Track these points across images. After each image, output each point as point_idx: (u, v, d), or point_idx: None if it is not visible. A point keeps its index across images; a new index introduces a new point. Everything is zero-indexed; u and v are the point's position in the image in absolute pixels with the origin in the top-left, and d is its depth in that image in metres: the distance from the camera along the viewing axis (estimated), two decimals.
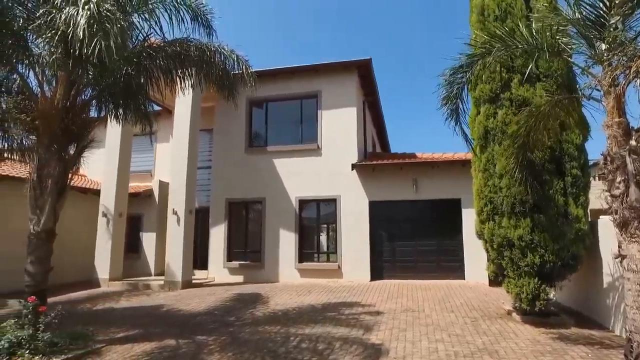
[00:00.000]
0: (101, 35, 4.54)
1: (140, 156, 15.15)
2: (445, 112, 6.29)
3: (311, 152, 12.94)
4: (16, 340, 5.25)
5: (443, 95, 6.18)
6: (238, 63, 7.49)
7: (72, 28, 4.62)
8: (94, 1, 4.75)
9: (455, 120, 6.35)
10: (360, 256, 11.99)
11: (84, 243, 12.58)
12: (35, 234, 6.09)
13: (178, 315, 8.03)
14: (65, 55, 5.43)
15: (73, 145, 6.55)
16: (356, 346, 5.67)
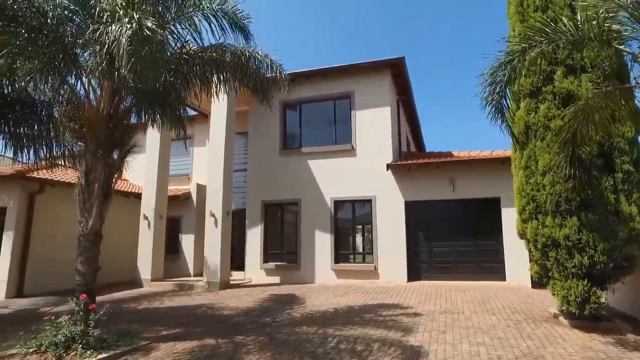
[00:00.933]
0: (139, 54, 4.73)
1: (179, 160, 15.61)
2: (489, 111, 6.13)
3: (345, 153, 12.91)
4: (70, 335, 5.52)
5: (485, 95, 6.03)
6: (272, 67, 7.58)
7: (115, 45, 4.83)
8: (136, 19, 4.96)
9: (501, 119, 6.18)
10: (397, 257, 11.84)
11: (127, 245, 13.11)
12: (84, 236, 6.39)
13: (217, 315, 8.19)
14: (109, 66, 5.68)
15: (116, 150, 6.83)
16: (394, 348, 5.59)
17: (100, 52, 5.20)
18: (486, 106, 6.06)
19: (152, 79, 5.26)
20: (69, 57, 6.13)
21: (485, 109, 6.08)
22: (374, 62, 12.97)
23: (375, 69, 13.06)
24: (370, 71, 13.13)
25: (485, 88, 5.94)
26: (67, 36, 6.20)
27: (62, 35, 6.08)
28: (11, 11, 5.51)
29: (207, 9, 6.48)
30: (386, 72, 13.08)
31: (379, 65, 12.99)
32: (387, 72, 13.09)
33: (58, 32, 6.02)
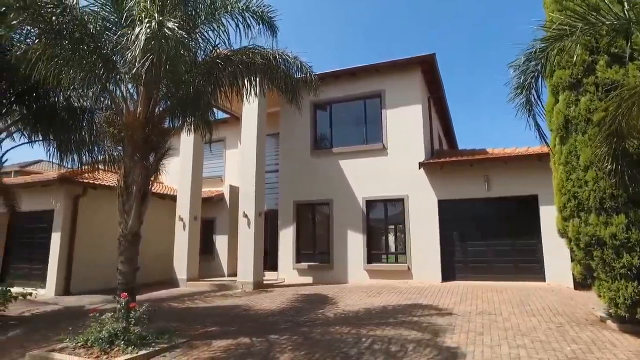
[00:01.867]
0: (155, 51, 4.83)
1: (212, 162, 15.97)
2: (518, 103, 5.90)
3: (377, 152, 12.81)
4: (113, 331, 5.74)
5: (514, 85, 5.80)
6: (301, 68, 7.63)
7: (135, 44, 4.99)
8: (156, 19, 5.08)
9: (528, 112, 5.93)
10: (430, 257, 11.63)
11: (164, 246, 13.50)
12: (123, 236, 6.64)
13: (251, 315, 8.30)
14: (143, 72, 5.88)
15: (153, 153, 7.05)
16: (430, 349, 5.49)
17: (129, 55, 5.36)
18: (515, 98, 5.84)
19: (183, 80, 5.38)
20: (108, 65, 6.40)
21: (514, 101, 5.86)
22: (403, 59, 12.80)
23: (405, 66, 12.89)
24: (400, 69, 12.97)
25: (514, 79, 5.72)
26: (106, 45, 6.47)
27: (101, 45, 6.35)
28: (57, 25, 5.80)
29: (235, 9, 6.58)
30: (416, 70, 12.89)
31: (408, 62, 12.82)
32: (418, 70, 12.90)
33: (98, 41, 6.30)
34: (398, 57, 12.85)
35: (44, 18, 5.76)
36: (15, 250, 13.40)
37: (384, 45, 45.14)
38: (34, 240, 12.79)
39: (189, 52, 5.72)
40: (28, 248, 12.94)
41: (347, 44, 44.79)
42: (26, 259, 12.88)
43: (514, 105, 5.94)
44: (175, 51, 5.00)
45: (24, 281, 11.68)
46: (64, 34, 5.89)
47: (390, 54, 47.17)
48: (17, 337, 7.30)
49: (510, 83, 5.78)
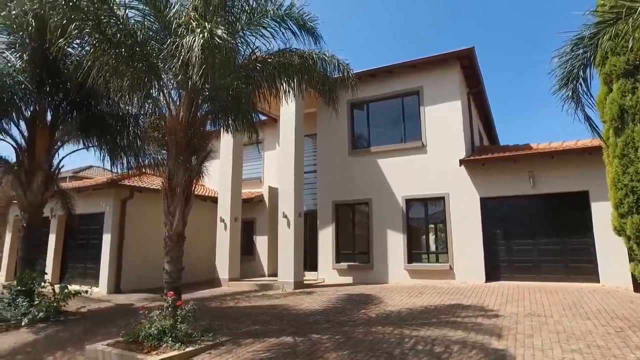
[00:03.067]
0: (210, 61, 5.01)
1: (251, 164, 16.27)
2: (564, 95, 5.60)
3: (416, 150, 12.59)
4: (162, 328, 5.96)
5: (560, 75, 5.51)
6: (338, 67, 7.63)
7: (189, 53, 5.18)
8: (207, 28, 5.25)
9: (575, 103, 5.62)
10: (473, 256, 11.29)
11: (206, 246, 13.87)
12: (169, 237, 6.88)
13: (292, 314, 8.35)
14: (185, 76, 6.08)
15: (195, 156, 7.27)
16: (476, 351, 5.31)
17: (177, 63, 5.56)
18: (560, 89, 5.54)
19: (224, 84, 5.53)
20: (152, 71, 6.67)
21: (559, 93, 5.56)
22: (441, 55, 12.51)
23: (443, 62, 12.60)
24: (438, 65, 12.70)
25: (560, 68, 5.42)
26: (151, 53, 6.74)
27: (147, 53, 6.62)
28: (109, 35, 6.12)
29: (275, 15, 6.67)
30: (455, 65, 12.57)
31: (447, 58, 12.51)
32: (456, 65, 12.57)
33: (144, 50, 6.57)
34: (436, 53, 12.58)
35: (99, 28, 6.08)
36: (71, 250, 14.26)
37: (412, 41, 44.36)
38: (87, 241, 13.55)
39: (234, 58, 5.88)
40: (83, 248, 13.74)
41: (376, 42, 44.36)
42: (81, 259, 13.68)
43: (559, 97, 5.65)
44: (227, 59, 5.16)
45: (80, 279, 12.34)
46: (115, 43, 6.19)
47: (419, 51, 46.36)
48: (77, 330, 7.74)
49: (555, 73, 5.50)
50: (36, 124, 9.59)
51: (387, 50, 44.46)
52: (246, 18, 6.73)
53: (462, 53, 12.32)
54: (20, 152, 9.54)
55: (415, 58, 12.87)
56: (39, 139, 9.51)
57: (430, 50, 36.46)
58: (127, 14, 6.64)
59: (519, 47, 42.83)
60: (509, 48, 43.11)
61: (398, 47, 44.37)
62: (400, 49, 45.32)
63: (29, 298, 8.52)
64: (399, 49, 45.93)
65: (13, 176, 9.64)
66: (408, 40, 44.58)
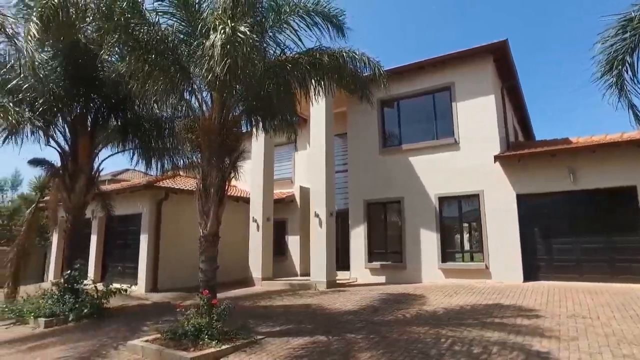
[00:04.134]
0: (232, 55, 5.07)
1: (282, 165, 16.43)
2: (607, 82, 5.31)
3: (448, 147, 12.33)
4: (198, 326, 6.08)
5: (603, 61, 5.23)
6: (369, 65, 7.55)
7: (211, 50, 5.26)
8: (230, 25, 5.32)
9: (619, 90, 5.31)
10: (510, 255, 10.93)
11: (239, 246, 14.06)
12: (204, 237, 7.01)
13: (325, 314, 8.34)
14: (215, 76, 6.20)
15: (228, 157, 7.38)
16: (517, 352, 5.12)
17: (205, 63, 5.66)
18: (603, 76, 5.25)
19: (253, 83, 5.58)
20: (184, 74, 6.83)
21: (602, 79, 5.27)
22: (473, 49, 12.20)
23: (475, 56, 12.29)
24: (469, 59, 12.39)
25: (604, 54, 5.14)
26: (182, 56, 6.91)
27: (179, 57, 6.79)
28: (143, 41, 6.33)
29: (302, 11, 6.69)
30: (487, 59, 12.23)
31: (479, 51, 12.18)
32: (489, 58, 12.22)
33: (176, 54, 6.74)
34: (467, 47, 12.28)
35: (132, 35, 6.30)
36: (111, 250, 14.84)
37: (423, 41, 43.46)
38: (126, 241, 14.05)
39: (260, 56, 5.94)
40: (122, 248, 14.27)
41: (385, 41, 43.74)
42: (120, 258, 14.20)
43: (602, 85, 5.36)
44: (249, 54, 5.21)
45: (119, 278, 12.83)
46: (148, 49, 6.39)
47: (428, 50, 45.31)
48: (118, 327, 8.05)
49: (598, 59, 5.22)
50: (78, 129, 10.03)
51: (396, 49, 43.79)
52: (274, 16, 6.78)
53: (495, 46, 11.96)
54: (64, 157, 10.01)
55: (446, 53, 12.59)
56: (81, 144, 9.94)
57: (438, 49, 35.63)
58: (159, 21, 6.84)
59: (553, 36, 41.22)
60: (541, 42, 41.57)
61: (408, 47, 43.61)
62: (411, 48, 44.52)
63: (74, 295, 8.94)
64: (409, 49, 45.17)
65: (58, 179, 10.11)
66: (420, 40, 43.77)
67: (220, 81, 5.62)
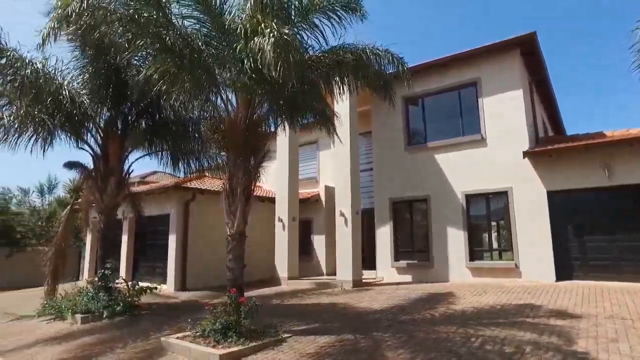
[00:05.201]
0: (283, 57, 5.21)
1: (306, 164, 16.46)
2: None
3: (475, 144, 12.09)
4: (226, 324, 6.18)
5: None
6: (393, 62, 7.48)
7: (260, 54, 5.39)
8: (276, 28, 5.46)
9: None
10: (541, 254, 10.61)
11: (265, 246, 14.17)
12: (231, 236, 7.10)
13: (352, 313, 8.31)
14: (248, 78, 6.30)
15: (253, 157, 7.45)
16: (552, 353, 4.97)
17: (243, 66, 5.76)
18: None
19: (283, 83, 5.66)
20: (211, 77, 6.94)
21: None
22: (499, 43, 11.89)
23: (502, 50, 11.99)
24: (495, 54, 12.10)
25: None
26: (208, 58, 7.02)
27: (204, 59, 6.91)
28: (170, 44, 6.48)
29: (325, 6, 6.70)
30: (515, 52, 11.91)
31: (505, 45, 11.88)
32: (516, 52, 11.91)
33: (201, 56, 6.86)
34: (493, 41, 11.98)
35: (159, 39, 6.45)
36: (141, 250, 15.24)
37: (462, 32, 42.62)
38: (155, 241, 14.39)
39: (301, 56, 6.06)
40: (151, 248, 14.64)
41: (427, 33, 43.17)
42: (150, 258, 14.59)
43: None
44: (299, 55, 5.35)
45: (149, 277, 13.23)
46: (174, 52, 6.53)
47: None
48: (149, 323, 8.28)
49: (637, 47, 5.00)
50: (108, 133, 10.35)
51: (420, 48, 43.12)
52: (299, 16, 6.81)
53: (523, 39, 11.63)
54: (96, 159, 10.35)
55: (471, 48, 12.35)
56: (111, 147, 10.25)
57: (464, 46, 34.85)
58: (184, 23, 6.98)
59: None
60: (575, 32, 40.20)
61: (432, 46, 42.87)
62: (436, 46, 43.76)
63: (108, 293, 9.25)
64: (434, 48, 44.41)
65: (91, 181, 10.47)
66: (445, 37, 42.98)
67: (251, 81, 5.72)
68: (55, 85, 9.25)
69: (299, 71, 5.71)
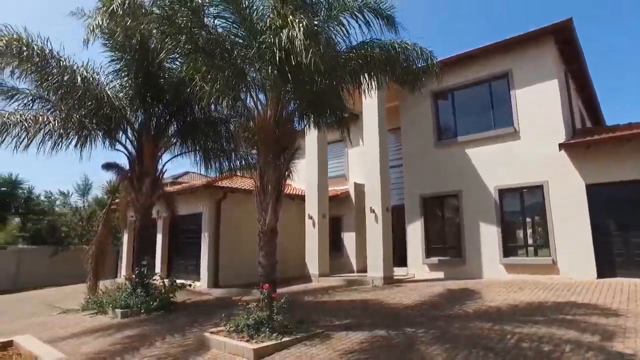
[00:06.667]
0: (313, 46, 5.22)
1: (335, 162, 16.46)
2: None
3: (507, 137, 11.75)
4: (259, 319, 6.27)
5: None
6: (422, 55, 7.39)
7: (289, 44, 5.44)
8: (304, 20, 5.50)
9: None
10: (581, 249, 10.21)
11: (295, 244, 14.24)
12: (263, 232, 7.21)
13: (384, 309, 8.27)
14: (277, 74, 6.38)
15: (283, 154, 7.53)
16: (594, 352, 4.76)
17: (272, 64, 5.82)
18: None
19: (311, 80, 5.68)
20: (240, 76, 7.05)
21: None
22: (532, 32, 11.49)
23: (535, 39, 11.59)
24: (528, 43, 11.71)
25: None
26: (237, 58, 7.15)
27: (234, 58, 7.03)
28: (201, 45, 6.64)
29: (353, 7, 6.68)
30: (548, 41, 11.49)
31: (538, 34, 11.47)
32: (550, 41, 11.48)
33: (232, 55, 6.99)
34: (524, 31, 11.60)
35: (192, 39, 6.63)
36: (175, 248, 15.68)
37: None
38: (188, 239, 14.76)
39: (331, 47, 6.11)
40: (185, 246, 15.03)
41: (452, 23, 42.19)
42: (184, 256, 14.98)
43: None
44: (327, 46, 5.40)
45: (183, 274, 13.59)
46: (205, 52, 6.69)
47: None
48: (185, 319, 8.51)
49: None
50: (143, 134, 10.70)
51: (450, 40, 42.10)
52: (325, 13, 6.83)
53: (557, 27, 11.20)
54: (132, 160, 10.72)
55: (502, 39, 11.99)
56: (146, 148, 10.58)
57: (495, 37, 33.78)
58: (216, 24, 7.13)
59: None
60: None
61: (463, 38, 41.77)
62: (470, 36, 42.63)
63: (145, 289, 9.57)
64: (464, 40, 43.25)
65: (127, 181, 10.86)
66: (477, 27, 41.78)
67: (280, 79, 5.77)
68: (96, 89, 9.66)
69: (328, 62, 5.70)
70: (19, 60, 8.56)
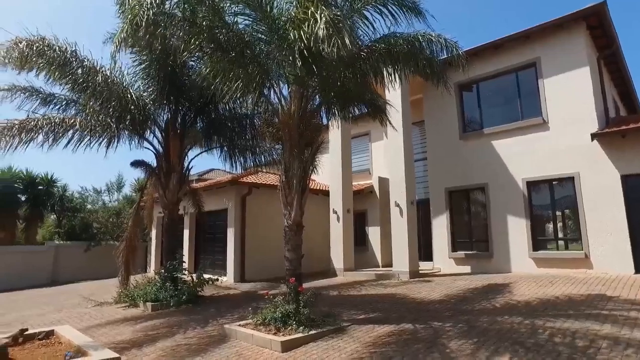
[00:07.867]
0: (336, 34, 5.25)
1: (359, 156, 16.41)
2: None
3: (536, 128, 11.42)
4: (286, 312, 6.35)
5: None
6: (446, 47, 7.24)
7: (312, 37, 5.48)
8: (326, 12, 5.52)
9: None
10: (616, 243, 9.84)
11: (320, 238, 14.29)
12: (288, 227, 7.27)
13: (410, 303, 8.21)
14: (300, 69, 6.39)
15: (308, 148, 7.56)
16: (634, 349, 4.59)
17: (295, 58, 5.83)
18: None
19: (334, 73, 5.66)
20: (263, 72, 7.10)
21: None
22: (561, 18, 11.06)
23: (564, 26, 11.16)
24: (557, 30, 11.30)
25: None
26: (260, 54, 7.19)
27: (257, 54, 7.08)
28: (223, 43, 6.72)
29: (377, 1, 6.61)
30: (579, 26, 11.05)
31: (568, 20, 11.03)
32: (581, 26, 11.04)
33: (254, 52, 7.04)
34: (552, 18, 11.18)
35: (214, 38, 6.71)
36: (202, 243, 16.00)
37: None
38: (214, 235, 15.04)
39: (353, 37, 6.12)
40: (211, 242, 15.31)
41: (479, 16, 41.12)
42: (210, 251, 15.26)
43: None
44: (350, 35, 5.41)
45: (210, 269, 13.85)
46: (227, 49, 6.76)
47: None
48: (213, 312, 8.70)
49: None
50: (169, 132, 10.92)
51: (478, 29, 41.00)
52: (348, 7, 6.78)
53: (589, 11, 10.72)
54: (159, 157, 10.96)
55: (528, 27, 11.62)
56: (172, 145, 10.80)
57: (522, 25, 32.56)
58: (237, 21, 7.18)
59: None
60: None
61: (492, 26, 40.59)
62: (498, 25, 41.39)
63: (174, 284, 9.82)
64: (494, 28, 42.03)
65: (155, 178, 11.12)
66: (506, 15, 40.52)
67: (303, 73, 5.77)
68: (122, 89, 9.91)
69: (351, 53, 5.68)
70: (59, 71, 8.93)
